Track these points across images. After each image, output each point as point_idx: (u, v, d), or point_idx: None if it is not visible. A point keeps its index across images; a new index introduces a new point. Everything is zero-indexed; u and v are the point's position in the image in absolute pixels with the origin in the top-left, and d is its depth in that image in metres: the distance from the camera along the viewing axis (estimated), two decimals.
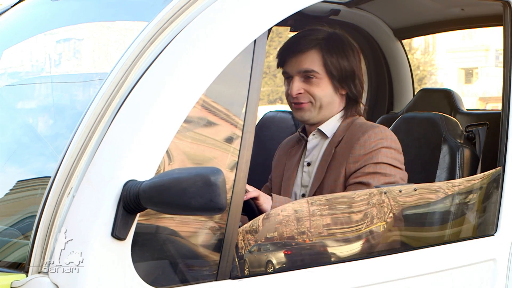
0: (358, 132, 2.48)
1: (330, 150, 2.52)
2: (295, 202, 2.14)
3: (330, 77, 2.50)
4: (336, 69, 2.50)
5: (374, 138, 2.44)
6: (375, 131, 2.46)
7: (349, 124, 2.55)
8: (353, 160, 2.43)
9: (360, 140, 2.44)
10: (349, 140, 2.49)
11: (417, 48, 28.03)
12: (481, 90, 28.63)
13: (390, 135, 2.48)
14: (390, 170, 2.41)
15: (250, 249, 1.97)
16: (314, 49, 2.50)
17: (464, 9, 3.44)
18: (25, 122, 2.20)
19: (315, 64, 2.49)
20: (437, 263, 2.30)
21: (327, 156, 2.51)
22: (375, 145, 2.43)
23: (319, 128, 2.55)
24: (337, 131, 2.54)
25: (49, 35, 2.48)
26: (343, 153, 2.47)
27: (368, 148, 2.42)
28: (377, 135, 2.45)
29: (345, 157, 2.45)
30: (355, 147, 2.43)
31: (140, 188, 1.67)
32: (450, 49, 31.38)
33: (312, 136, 2.58)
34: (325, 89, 2.51)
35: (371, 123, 2.55)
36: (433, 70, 30.27)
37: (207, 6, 1.92)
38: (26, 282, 1.70)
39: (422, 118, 2.96)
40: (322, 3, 3.41)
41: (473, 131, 2.83)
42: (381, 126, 2.51)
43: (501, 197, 2.43)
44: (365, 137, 2.44)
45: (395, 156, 2.45)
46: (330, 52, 2.50)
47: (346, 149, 2.47)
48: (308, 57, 2.50)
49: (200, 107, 1.85)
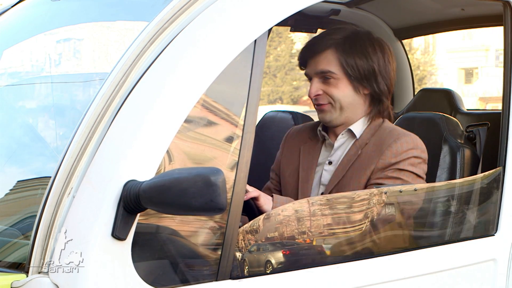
0: (389, 138, 2.47)
1: (355, 151, 2.50)
2: (295, 202, 2.14)
3: (348, 77, 2.49)
4: (353, 69, 2.48)
5: (406, 147, 2.44)
6: (407, 139, 2.46)
7: (376, 127, 2.53)
8: (381, 166, 2.43)
9: (392, 147, 2.44)
10: (378, 144, 2.47)
11: (417, 48, 28.05)
12: (481, 90, 28.63)
13: (420, 145, 2.49)
14: (412, 179, 2.42)
15: (250, 249, 1.97)
16: (330, 50, 2.49)
17: (464, 9, 3.44)
18: (25, 122, 2.20)
19: (331, 65, 2.49)
20: (438, 263, 2.30)
21: (352, 156, 2.50)
22: (405, 155, 2.43)
23: (350, 128, 2.53)
24: (364, 132, 2.52)
25: (49, 35, 2.48)
26: (370, 156, 2.46)
27: (399, 157, 2.42)
28: (409, 144, 2.45)
29: (372, 160, 2.44)
30: (386, 154, 2.43)
31: (140, 188, 1.67)
32: (450, 49, 31.39)
33: (341, 135, 2.55)
34: (344, 90, 2.50)
35: (401, 129, 2.54)
36: (433, 70, 30.29)
37: (208, 6, 1.92)
38: (26, 282, 1.70)
39: (423, 118, 2.96)
40: (322, 3, 3.41)
41: (473, 131, 2.83)
42: (412, 134, 2.50)
43: (502, 197, 2.43)
44: (397, 145, 2.44)
45: (421, 166, 2.46)
46: (346, 52, 2.48)
47: (375, 152, 2.46)
48: (325, 57, 2.49)
49: (200, 107, 1.85)
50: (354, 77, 2.48)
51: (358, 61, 2.49)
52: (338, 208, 2.17)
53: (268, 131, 3.61)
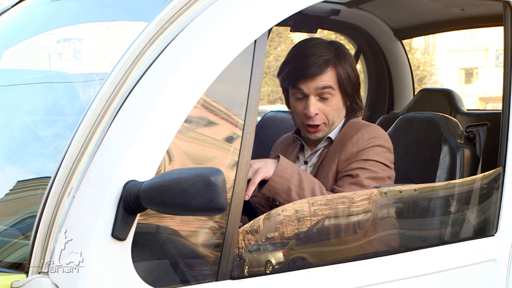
0: (351, 131, 2.50)
1: (323, 149, 2.55)
2: (295, 202, 2.14)
3: (341, 93, 2.53)
4: (348, 83, 2.52)
5: (367, 137, 2.46)
6: (368, 129, 2.49)
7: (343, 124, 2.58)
8: (344, 158, 2.45)
9: (353, 138, 2.47)
10: (341, 138, 2.52)
11: (417, 48, 28.03)
12: (481, 90, 28.63)
13: (382, 134, 2.50)
14: (378, 167, 2.43)
15: (250, 249, 1.97)
16: (330, 67, 2.50)
17: (464, 9, 3.44)
18: (25, 122, 2.20)
19: (331, 81, 2.50)
20: (438, 264, 2.30)
21: (320, 155, 2.55)
22: (367, 144, 2.45)
23: (329, 136, 2.57)
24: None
25: (49, 35, 2.48)
26: (335, 150, 2.50)
27: (360, 146, 2.45)
28: (369, 133, 2.47)
29: (337, 154, 2.48)
30: (348, 145, 2.46)
31: (140, 188, 1.67)
32: (450, 49, 31.38)
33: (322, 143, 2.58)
34: (338, 105, 2.53)
35: (364, 122, 2.58)
36: (433, 70, 30.27)
37: (208, 6, 1.92)
38: (26, 282, 1.70)
39: (422, 118, 2.96)
40: (322, 3, 3.42)
41: (473, 131, 2.83)
42: (373, 125, 2.54)
43: (501, 198, 2.43)
44: (358, 135, 2.47)
45: (386, 155, 2.47)
46: (341, 67, 2.52)
47: (339, 146, 2.49)
48: (326, 75, 2.50)
49: (200, 107, 1.85)
50: (347, 92, 2.53)
51: (350, 74, 2.53)
52: (338, 208, 2.17)
53: (268, 131, 3.62)
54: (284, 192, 2.28)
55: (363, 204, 2.19)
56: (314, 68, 2.49)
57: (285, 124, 3.60)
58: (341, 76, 2.51)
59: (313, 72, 2.49)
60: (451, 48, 31.45)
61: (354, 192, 2.27)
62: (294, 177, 2.29)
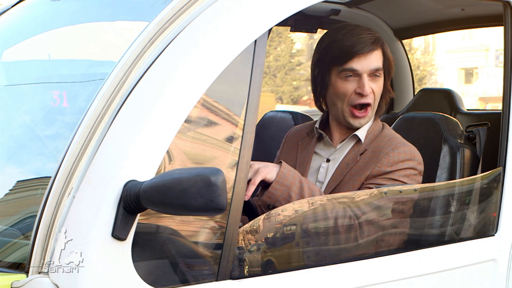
0: (387, 146, 2.47)
1: (354, 156, 2.50)
2: (295, 202, 2.14)
3: (385, 75, 2.54)
4: (389, 66, 2.54)
5: (403, 157, 2.44)
6: (405, 149, 2.46)
7: (376, 132, 2.54)
8: (376, 173, 2.42)
9: (389, 155, 2.44)
10: (376, 151, 2.48)
11: (417, 48, 28.05)
12: (481, 90, 28.63)
13: (418, 157, 2.49)
14: None
15: (251, 249, 1.97)
16: (379, 48, 2.52)
17: (464, 9, 3.44)
18: (25, 122, 2.20)
19: (381, 62, 2.52)
20: (438, 264, 2.30)
21: (351, 160, 2.50)
22: (401, 165, 2.43)
23: (356, 134, 2.53)
24: (365, 137, 2.53)
25: (49, 35, 2.48)
26: (367, 162, 2.46)
27: (394, 167, 2.42)
28: (406, 154, 2.45)
29: (369, 166, 2.44)
30: (382, 162, 2.43)
31: (140, 188, 1.67)
32: (450, 49, 31.39)
33: (348, 139, 2.55)
34: (382, 87, 2.54)
35: (400, 138, 2.54)
36: (433, 70, 30.29)
37: (208, 6, 1.92)
38: (26, 282, 1.70)
39: (423, 118, 2.96)
40: (322, 3, 3.42)
41: (473, 131, 2.83)
42: (411, 145, 2.50)
43: (502, 198, 2.43)
44: (394, 154, 2.44)
45: (416, 177, 2.46)
46: (387, 50, 2.54)
47: (372, 159, 2.46)
48: (377, 55, 2.51)
49: (200, 107, 1.85)
50: (389, 74, 2.55)
51: (391, 58, 2.56)
52: (338, 208, 2.17)
53: (268, 131, 3.62)
54: (284, 199, 2.26)
55: (363, 204, 2.19)
56: (367, 45, 2.49)
57: (285, 124, 3.60)
58: (387, 60, 2.52)
59: (365, 49, 2.48)
60: (451, 48, 31.47)
61: (354, 192, 2.27)
62: (295, 184, 2.28)
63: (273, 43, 24.81)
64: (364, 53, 2.49)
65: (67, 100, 2.21)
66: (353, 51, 2.49)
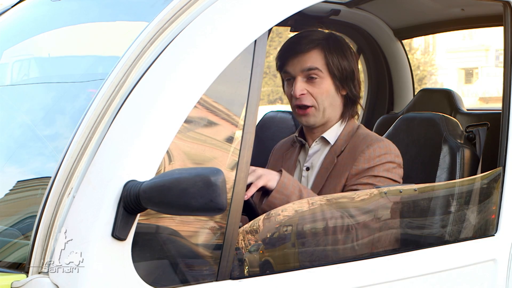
0: (362, 144, 2.47)
1: (331, 159, 2.51)
2: (295, 202, 2.14)
3: (332, 77, 2.50)
4: (338, 69, 2.50)
5: (379, 153, 2.44)
6: (379, 145, 2.46)
7: (350, 132, 2.54)
8: (355, 172, 2.43)
9: (364, 153, 2.44)
10: (352, 150, 2.48)
11: (417, 48, 28.04)
12: (481, 90, 28.63)
13: (394, 149, 2.48)
14: (387, 183, 2.42)
15: (250, 249, 1.97)
16: (317, 49, 2.50)
17: (464, 9, 3.44)
18: (25, 122, 2.20)
19: (318, 63, 2.49)
20: (438, 264, 2.30)
21: (329, 164, 2.51)
22: (378, 160, 2.43)
23: (323, 136, 2.55)
24: (339, 138, 2.54)
25: (49, 35, 2.48)
26: (345, 163, 2.47)
27: (372, 162, 2.43)
28: (381, 149, 2.45)
29: (347, 167, 2.45)
30: (359, 160, 2.44)
31: (140, 188, 1.67)
32: (450, 49, 31.39)
33: (315, 143, 2.57)
34: (328, 90, 2.50)
35: (375, 135, 2.55)
36: (433, 70, 30.28)
37: (208, 6, 1.92)
38: (26, 282, 1.70)
39: (422, 118, 2.96)
40: (322, 3, 3.42)
41: (473, 131, 2.83)
42: (385, 140, 2.51)
43: (501, 198, 2.43)
44: (369, 151, 2.44)
45: (396, 170, 2.46)
46: (331, 52, 2.50)
47: (349, 159, 2.46)
48: (311, 56, 2.49)
49: (200, 107, 1.85)
50: (337, 77, 2.50)
51: (341, 61, 2.51)
52: (338, 208, 2.17)
53: (268, 131, 3.62)
54: None
55: (363, 204, 2.19)
56: (299, 46, 2.49)
57: (285, 124, 3.60)
58: (330, 61, 2.49)
59: (297, 50, 2.48)
60: (451, 48, 31.47)
61: (354, 192, 2.27)
62: (294, 193, 2.28)
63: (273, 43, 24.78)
64: (297, 54, 2.50)
65: (67, 100, 2.21)
66: (286, 54, 2.53)
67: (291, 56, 2.52)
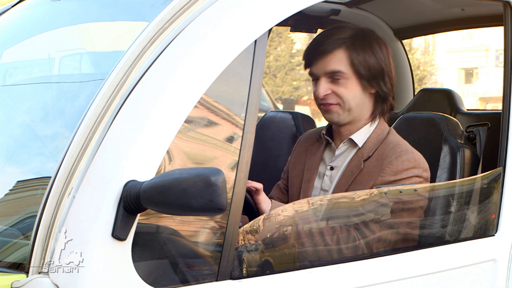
0: (391, 154, 2.40)
1: (358, 163, 2.45)
2: (295, 202, 2.14)
3: (358, 77, 2.43)
4: (364, 68, 2.43)
5: (407, 165, 2.37)
6: (408, 157, 2.39)
7: (380, 136, 2.48)
8: (380, 183, 2.36)
9: (392, 164, 2.37)
10: (380, 158, 2.42)
11: (417, 48, 28.03)
12: (481, 90, 28.63)
13: (423, 164, 2.42)
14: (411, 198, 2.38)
15: (251, 249, 1.97)
16: (340, 49, 2.43)
17: (464, 9, 3.44)
18: (25, 122, 2.20)
19: (341, 64, 2.43)
20: (438, 264, 2.30)
21: (355, 168, 2.45)
22: (405, 174, 2.36)
23: (351, 138, 2.48)
24: (367, 141, 2.47)
25: (49, 35, 2.48)
26: (372, 170, 2.41)
27: (398, 176, 2.36)
28: (410, 162, 2.38)
29: (373, 176, 2.39)
30: (386, 171, 2.37)
31: (140, 188, 1.67)
32: (450, 49, 31.39)
33: (343, 144, 2.50)
34: (354, 90, 2.44)
35: (405, 144, 2.47)
36: (433, 70, 30.27)
37: (208, 6, 1.92)
38: (26, 282, 1.70)
39: (423, 118, 2.96)
40: (322, 3, 3.42)
41: (473, 131, 2.83)
42: (415, 152, 2.43)
43: (502, 198, 2.43)
44: (397, 162, 2.38)
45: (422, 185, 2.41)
46: (356, 51, 2.43)
47: (376, 168, 2.40)
48: (335, 57, 2.43)
49: (200, 107, 1.85)
50: (364, 76, 2.43)
51: (368, 59, 2.43)
52: (338, 208, 2.17)
53: (268, 131, 3.61)
54: None
55: (363, 204, 2.19)
56: (322, 47, 2.44)
57: (285, 124, 3.60)
58: (355, 60, 2.42)
59: (321, 50, 2.43)
60: (451, 48, 31.47)
61: (354, 192, 2.27)
62: None
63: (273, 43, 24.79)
64: (321, 55, 2.45)
65: (67, 100, 2.21)
66: (311, 54, 2.48)
67: (315, 57, 2.46)
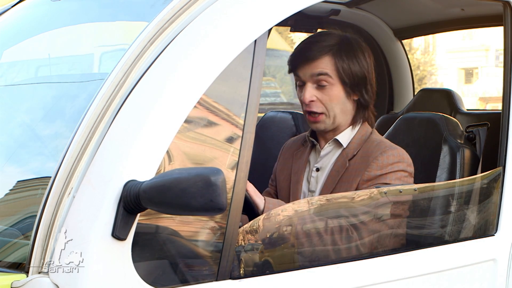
0: (375, 151, 2.44)
1: (343, 162, 2.48)
2: (295, 202, 2.14)
3: (342, 83, 2.46)
4: (348, 75, 2.46)
5: (392, 160, 2.41)
6: (393, 153, 2.43)
7: (364, 136, 2.51)
8: (367, 178, 2.40)
9: (378, 160, 2.41)
10: (365, 156, 2.45)
11: (417, 48, 28.01)
12: (481, 90, 28.61)
13: (407, 159, 2.45)
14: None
15: (250, 249, 1.97)
16: (327, 55, 2.46)
17: (464, 9, 3.44)
18: (25, 122, 2.20)
19: (328, 69, 2.45)
20: (438, 263, 2.30)
21: (340, 167, 2.48)
22: (391, 168, 2.40)
23: (336, 138, 2.51)
24: (351, 142, 2.50)
25: (49, 35, 2.48)
26: (357, 167, 2.44)
27: (384, 170, 2.40)
28: (395, 157, 2.42)
29: (359, 172, 2.42)
30: (372, 166, 2.41)
31: (140, 188, 1.67)
32: (450, 49, 31.37)
33: (328, 144, 2.53)
34: (338, 96, 2.47)
35: (388, 142, 2.51)
36: (433, 70, 30.26)
37: (208, 6, 1.92)
38: (26, 282, 1.70)
39: (422, 118, 2.96)
40: (322, 3, 3.42)
41: (473, 131, 2.83)
42: (399, 148, 2.47)
43: (501, 197, 2.43)
44: (383, 158, 2.41)
45: (407, 179, 2.43)
46: (342, 58, 2.46)
47: (362, 165, 2.44)
48: (321, 62, 2.46)
49: (200, 107, 1.85)
50: (347, 83, 2.46)
51: (352, 67, 2.47)
52: (338, 208, 2.17)
53: (268, 131, 3.61)
54: None
55: (363, 204, 2.19)
56: (309, 52, 2.46)
57: (285, 124, 3.60)
58: (340, 67, 2.45)
59: (308, 56, 2.46)
60: (451, 48, 31.46)
61: (354, 192, 2.27)
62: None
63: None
64: (307, 61, 2.47)
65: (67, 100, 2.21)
66: (297, 59, 2.50)
67: (301, 62, 2.49)
